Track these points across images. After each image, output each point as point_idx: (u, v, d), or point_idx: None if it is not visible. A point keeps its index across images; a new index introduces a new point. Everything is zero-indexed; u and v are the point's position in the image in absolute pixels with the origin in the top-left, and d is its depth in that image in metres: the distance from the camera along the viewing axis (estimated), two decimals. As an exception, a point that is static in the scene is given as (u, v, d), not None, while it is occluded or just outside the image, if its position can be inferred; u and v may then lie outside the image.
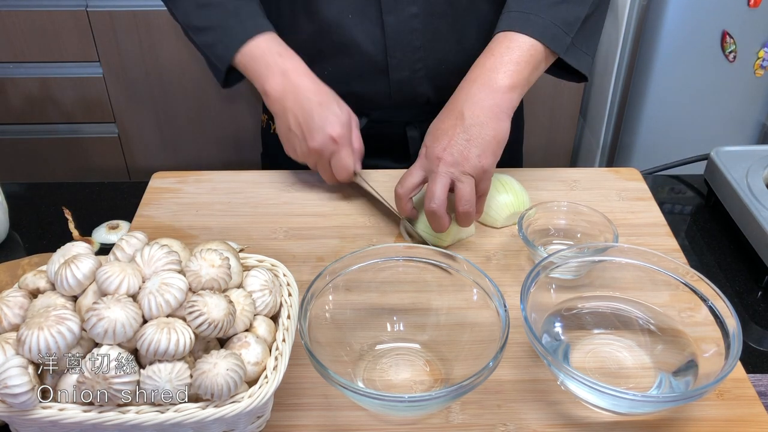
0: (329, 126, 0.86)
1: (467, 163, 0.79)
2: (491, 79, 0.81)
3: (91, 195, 1.01)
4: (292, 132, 0.89)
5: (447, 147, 0.79)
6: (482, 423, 0.65)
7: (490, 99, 0.81)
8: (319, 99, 0.87)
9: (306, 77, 0.89)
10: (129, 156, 2.08)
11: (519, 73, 0.82)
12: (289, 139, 0.90)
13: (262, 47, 0.89)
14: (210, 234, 0.89)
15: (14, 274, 0.79)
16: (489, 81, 0.81)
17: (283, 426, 0.65)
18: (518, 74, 0.82)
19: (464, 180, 0.79)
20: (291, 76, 0.88)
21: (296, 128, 0.88)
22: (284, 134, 0.91)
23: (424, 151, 0.83)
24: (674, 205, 1.01)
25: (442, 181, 0.79)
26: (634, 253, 0.73)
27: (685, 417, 0.66)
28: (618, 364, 0.70)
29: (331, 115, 0.87)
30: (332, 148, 0.87)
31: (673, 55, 1.72)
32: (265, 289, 0.64)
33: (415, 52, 0.95)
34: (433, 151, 0.81)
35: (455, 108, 0.82)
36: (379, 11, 0.92)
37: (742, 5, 1.64)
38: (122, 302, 0.55)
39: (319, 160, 0.90)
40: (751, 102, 1.81)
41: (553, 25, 0.83)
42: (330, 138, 0.86)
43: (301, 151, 0.90)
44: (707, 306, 0.68)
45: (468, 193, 0.79)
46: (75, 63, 1.90)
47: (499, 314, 0.66)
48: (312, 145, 0.87)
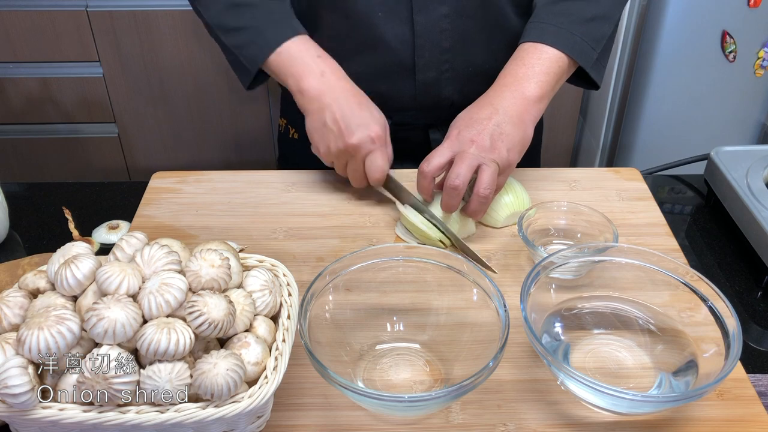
0: (370, 124, 0.87)
1: (497, 152, 0.82)
2: (523, 87, 0.86)
3: (91, 195, 1.01)
4: (328, 128, 0.87)
5: (481, 132, 0.83)
6: (482, 423, 0.65)
7: (521, 106, 0.86)
8: (358, 100, 0.88)
9: (345, 80, 0.90)
10: (129, 156, 2.08)
11: (548, 84, 0.88)
12: (324, 135, 0.89)
13: (300, 48, 0.90)
14: (210, 234, 0.89)
15: (14, 274, 0.79)
16: (521, 89, 0.86)
17: (283, 426, 0.65)
18: (547, 85, 0.87)
19: (491, 165, 0.82)
20: (329, 77, 0.89)
21: (333, 124, 0.87)
22: (318, 130, 0.89)
23: (455, 132, 0.85)
24: (674, 205, 1.01)
25: (470, 162, 0.81)
26: (634, 253, 0.73)
27: (685, 417, 0.66)
28: (618, 364, 0.70)
29: (370, 115, 0.88)
30: (370, 147, 0.87)
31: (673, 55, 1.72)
32: (265, 289, 0.64)
33: (443, 53, 0.96)
34: (467, 134, 0.84)
35: (490, 103, 0.86)
36: (410, 10, 0.93)
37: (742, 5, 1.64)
38: (122, 302, 0.55)
39: (352, 159, 0.89)
40: (751, 102, 1.81)
41: (583, 42, 0.89)
42: (369, 137, 0.86)
43: (335, 147, 0.88)
44: (707, 306, 0.68)
45: (491, 178, 0.81)
46: (75, 63, 1.90)
47: (499, 314, 0.66)
48: (351, 141, 0.86)
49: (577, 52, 0.89)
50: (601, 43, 0.91)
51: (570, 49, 0.88)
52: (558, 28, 0.88)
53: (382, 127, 0.88)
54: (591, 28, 0.89)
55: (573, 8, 0.90)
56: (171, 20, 1.84)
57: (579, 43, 0.88)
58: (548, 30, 0.89)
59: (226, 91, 1.97)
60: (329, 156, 0.90)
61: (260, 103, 2.00)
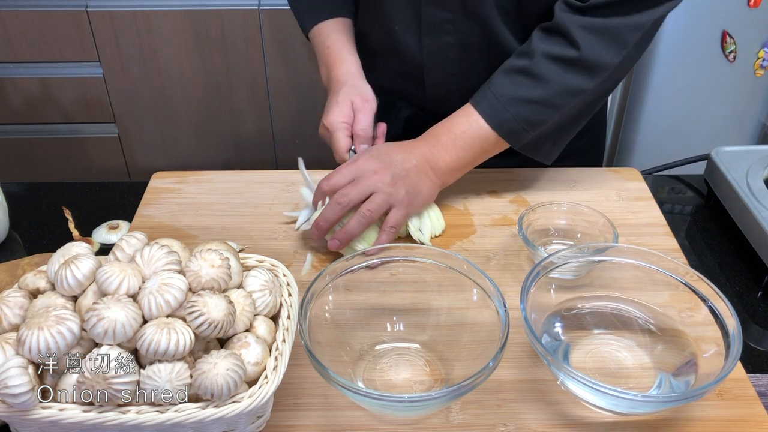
0: (325, 115, 0.92)
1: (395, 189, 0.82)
2: (438, 156, 0.87)
3: (91, 195, 1.01)
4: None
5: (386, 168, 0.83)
6: (482, 423, 0.65)
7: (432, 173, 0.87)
8: (335, 89, 0.94)
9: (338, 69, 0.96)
10: (129, 156, 2.08)
11: (462, 160, 0.88)
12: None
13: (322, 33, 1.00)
14: (210, 234, 0.89)
15: (14, 274, 0.79)
16: (435, 157, 0.87)
17: (283, 426, 0.65)
18: (461, 161, 0.88)
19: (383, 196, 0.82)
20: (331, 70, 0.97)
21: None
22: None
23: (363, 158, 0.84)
24: (674, 205, 1.01)
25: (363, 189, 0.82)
26: (634, 253, 0.73)
27: (685, 417, 0.66)
28: (618, 364, 0.70)
29: (331, 105, 0.93)
30: (325, 134, 0.93)
31: (673, 55, 1.72)
32: (265, 290, 0.64)
33: (450, 77, 0.98)
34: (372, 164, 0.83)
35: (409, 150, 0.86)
36: (420, 32, 0.94)
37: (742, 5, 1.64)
38: (122, 302, 0.55)
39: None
40: (751, 102, 1.81)
41: (514, 121, 0.85)
42: (322, 124, 0.93)
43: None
44: (707, 306, 0.68)
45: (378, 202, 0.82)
46: (75, 63, 1.90)
47: (499, 314, 0.66)
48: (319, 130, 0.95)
49: (505, 131, 0.86)
50: (538, 127, 0.86)
51: (497, 126, 0.86)
52: (496, 100, 0.86)
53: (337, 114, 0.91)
54: (529, 110, 0.85)
55: (520, 82, 0.85)
56: (171, 20, 1.84)
57: (509, 121, 0.85)
58: (487, 98, 0.86)
59: (227, 91, 1.97)
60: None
61: (260, 103, 2.00)
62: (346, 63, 0.97)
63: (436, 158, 0.87)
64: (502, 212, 0.93)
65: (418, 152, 0.86)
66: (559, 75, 0.84)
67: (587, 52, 0.82)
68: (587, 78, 0.84)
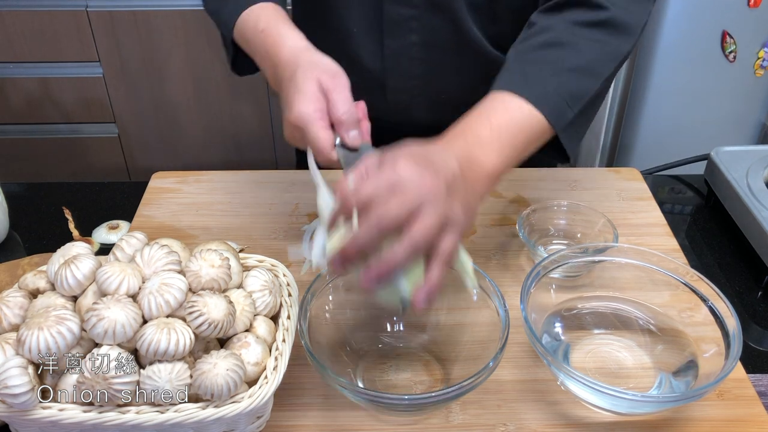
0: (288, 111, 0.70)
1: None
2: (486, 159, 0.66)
3: (91, 195, 1.01)
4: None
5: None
6: (482, 423, 0.65)
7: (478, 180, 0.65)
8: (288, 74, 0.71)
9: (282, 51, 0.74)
10: (129, 156, 2.08)
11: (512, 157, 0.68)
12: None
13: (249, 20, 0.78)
14: (210, 234, 0.89)
15: (14, 274, 0.79)
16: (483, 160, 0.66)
17: (283, 426, 0.65)
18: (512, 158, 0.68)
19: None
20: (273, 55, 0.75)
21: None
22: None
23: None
24: (674, 205, 1.01)
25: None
26: (634, 253, 0.73)
27: (685, 417, 0.66)
28: (618, 364, 0.70)
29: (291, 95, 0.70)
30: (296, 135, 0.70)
31: (673, 55, 1.72)
32: (265, 290, 0.64)
33: (412, 79, 0.92)
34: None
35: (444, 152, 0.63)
36: (381, 33, 0.89)
37: (742, 5, 1.64)
38: (122, 302, 0.55)
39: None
40: (751, 102, 1.81)
41: (556, 95, 0.70)
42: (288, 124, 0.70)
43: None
44: (707, 306, 0.68)
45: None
46: (75, 63, 1.90)
47: (499, 314, 0.66)
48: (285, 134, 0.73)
49: (550, 108, 0.69)
50: (580, 101, 0.71)
51: (541, 103, 0.69)
52: (531, 75, 0.70)
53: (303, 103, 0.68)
54: (572, 80, 0.71)
55: (552, 56, 0.72)
56: (171, 20, 1.84)
57: (552, 96, 0.69)
58: (519, 76, 0.71)
59: (227, 91, 1.97)
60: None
61: (260, 103, 2.00)
62: (291, 38, 0.74)
63: (481, 160, 0.65)
64: (502, 212, 0.93)
65: (456, 154, 0.64)
66: (593, 40, 0.73)
67: (617, 11, 0.73)
68: (623, 38, 0.74)
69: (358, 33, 0.89)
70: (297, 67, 0.71)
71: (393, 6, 0.86)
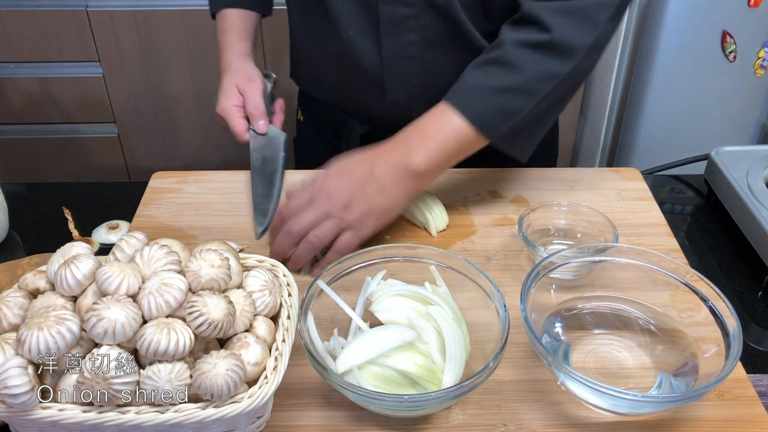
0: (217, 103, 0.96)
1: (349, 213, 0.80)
2: (411, 157, 0.80)
3: (91, 195, 1.01)
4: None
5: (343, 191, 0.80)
6: (482, 423, 0.65)
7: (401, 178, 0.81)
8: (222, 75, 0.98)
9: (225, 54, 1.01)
10: (129, 156, 2.08)
11: (438, 160, 0.81)
12: None
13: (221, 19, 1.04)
14: (210, 234, 0.89)
15: (14, 274, 0.79)
16: (407, 159, 0.80)
17: (283, 426, 0.65)
18: (437, 160, 0.81)
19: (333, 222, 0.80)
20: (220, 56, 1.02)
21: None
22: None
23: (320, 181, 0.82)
24: (674, 205, 1.01)
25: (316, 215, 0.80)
26: (634, 253, 0.73)
27: (685, 417, 0.66)
28: (618, 364, 0.70)
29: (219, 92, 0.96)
30: (222, 124, 0.96)
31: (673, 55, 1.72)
32: (265, 290, 0.64)
33: (411, 79, 0.94)
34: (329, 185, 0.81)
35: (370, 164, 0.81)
36: (378, 33, 0.90)
37: (742, 5, 1.64)
38: (122, 302, 0.55)
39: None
40: (751, 102, 1.81)
41: (490, 112, 0.81)
42: (216, 116, 0.96)
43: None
44: (707, 306, 0.68)
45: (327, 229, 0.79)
46: (75, 63, 1.90)
47: (499, 314, 0.66)
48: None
49: (481, 123, 0.81)
50: (513, 117, 0.81)
51: (473, 118, 0.80)
52: (469, 91, 0.82)
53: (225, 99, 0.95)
54: (505, 99, 0.81)
55: (493, 72, 0.82)
56: (171, 20, 1.84)
57: (484, 112, 0.81)
58: (460, 91, 0.83)
59: (226, 91, 1.97)
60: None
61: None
62: (233, 48, 1.00)
63: (405, 161, 0.80)
64: (502, 212, 0.93)
65: (384, 160, 0.81)
66: (532, 60, 0.81)
67: (559, 34, 0.80)
68: (561, 61, 0.81)
69: (355, 35, 0.91)
70: (227, 70, 0.98)
71: (389, 6, 0.87)
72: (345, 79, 0.98)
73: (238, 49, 1.00)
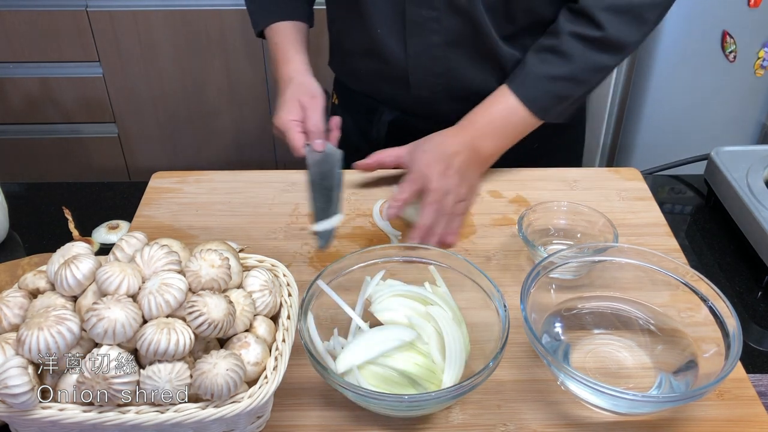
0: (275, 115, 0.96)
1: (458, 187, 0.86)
2: (482, 145, 0.90)
3: (91, 195, 1.01)
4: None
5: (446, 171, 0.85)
6: (482, 423, 0.65)
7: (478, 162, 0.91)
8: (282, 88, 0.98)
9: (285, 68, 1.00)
10: (129, 156, 2.08)
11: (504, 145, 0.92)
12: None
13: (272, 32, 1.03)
14: (210, 234, 0.89)
15: (14, 274, 0.79)
16: (480, 146, 0.90)
17: (283, 426, 0.65)
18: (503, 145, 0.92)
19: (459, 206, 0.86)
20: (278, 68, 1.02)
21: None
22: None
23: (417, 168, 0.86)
24: (674, 205, 1.01)
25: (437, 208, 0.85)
26: (634, 253, 0.73)
27: (685, 417, 0.66)
28: (618, 364, 0.70)
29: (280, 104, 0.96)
30: (280, 136, 0.96)
31: (673, 55, 1.72)
32: (265, 290, 0.64)
33: (434, 77, 0.98)
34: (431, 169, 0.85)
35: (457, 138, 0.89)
36: (404, 33, 0.94)
37: (742, 5, 1.64)
38: (122, 302, 0.55)
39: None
40: (751, 102, 1.81)
41: (545, 98, 0.90)
42: (275, 127, 0.96)
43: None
44: (707, 306, 0.68)
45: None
46: (75, 63, 1.90)
47: (499, 314, 0.66)
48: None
49: (537, 107, 0.90)
50: (564, 101, 0.91)
51: (531, 104, 0.89)
52: (528, 79, 0.90)
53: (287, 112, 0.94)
54: (558, 86, 0.90)
55: (549, 60, 0.89)
56: (171, 20, 1.84)
57: (540, 98, 0.90)
58: (521, 78, 0.90)
59: (227, 91, 1.97)
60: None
61: (260, 103, 2.00)
62: (293, 61, 1.00)
63: (479, 146, 0.89)
64: (502, 212, 0.93)
65: (462, 142, 0.88)
66: (584, 53, 0.88)
67: (611, 31, 0.86)
68: (611, 56, 0.89)
69: (383, 33, 0.96)
70: (289, 84, 0.97)
71: (415, 8, 0.92)
72: (374, 72, 1.02)
73: (298, 62, 1.00)
